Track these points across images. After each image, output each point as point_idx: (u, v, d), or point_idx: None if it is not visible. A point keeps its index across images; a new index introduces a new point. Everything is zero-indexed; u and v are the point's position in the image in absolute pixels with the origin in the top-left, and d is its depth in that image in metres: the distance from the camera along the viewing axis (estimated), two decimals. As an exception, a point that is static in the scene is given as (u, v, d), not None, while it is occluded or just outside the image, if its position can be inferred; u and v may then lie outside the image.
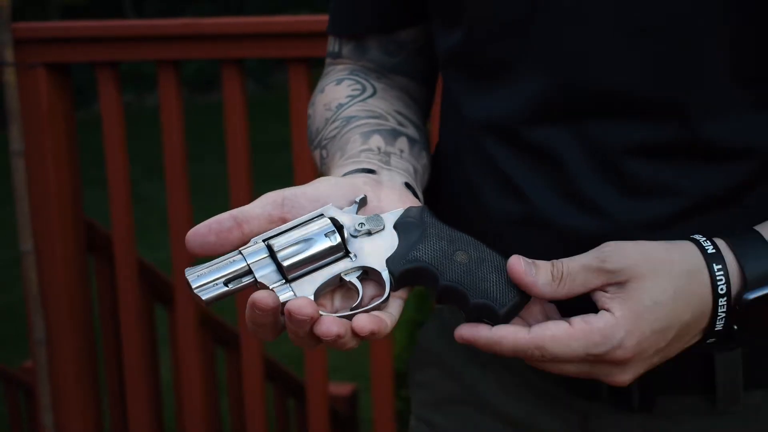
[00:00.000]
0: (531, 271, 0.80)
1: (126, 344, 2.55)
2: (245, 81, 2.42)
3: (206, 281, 0.78)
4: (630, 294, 0.80)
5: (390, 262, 0.80)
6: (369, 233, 0.81)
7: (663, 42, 0.85)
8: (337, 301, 0.82)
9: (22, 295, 2.55)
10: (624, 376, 0.81)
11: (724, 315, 0.81)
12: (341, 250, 0.80)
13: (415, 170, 0.96)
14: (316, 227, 0.80)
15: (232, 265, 0.78)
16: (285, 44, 2.35)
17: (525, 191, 0.92)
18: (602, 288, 0.80)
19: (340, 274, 0.80)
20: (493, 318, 0.79)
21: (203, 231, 0.79)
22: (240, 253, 0.79)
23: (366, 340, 0.78)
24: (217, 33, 2.40)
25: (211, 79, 11.30)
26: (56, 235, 2.47)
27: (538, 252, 0.83)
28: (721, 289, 0.81)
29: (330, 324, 0.75)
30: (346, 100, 1.04)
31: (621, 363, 0.80)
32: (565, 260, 0.81)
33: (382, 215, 0.82)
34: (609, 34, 0.86)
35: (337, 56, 1.12)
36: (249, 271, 0.79)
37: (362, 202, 0.83)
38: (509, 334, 0.79)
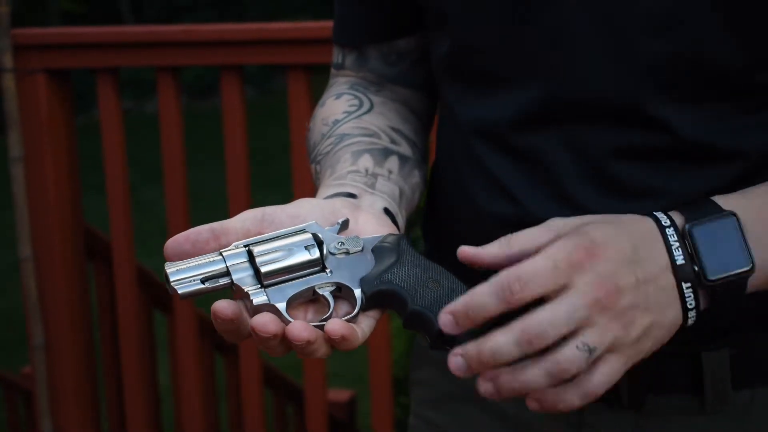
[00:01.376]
0: (477, 249, 0.80)
1: (125, 350, 2.55)
2: (244, 87, 2.42)
3: (184, 276, 0.80)
4: (583, 229, 0.80)
5: (363, 281, 0.82)
6: (347, 253, 0.84)
7: (640, 49, 0.86)
8: (310, 314, 0.83)
9: (21, 301, 2.55)
10: (605, 284, 0.77)
11: (678, 244, 0.81)
12: (318, 265, 0.82)
13: (401, 192, 0.98)
14: (297, 239, 0.82)
15: (211, 264, 0.81)
16: (284, 50, 2.35)
17: (516, 194, 0.94)
18: (552, 240, 0.80)
19: (314, 286, 0.82)
20: (456, 345, 0.79)
21: (181, 240, 0.81)
22: (221, 254, 0.81)
23: (337, 348, 0.79)
24: (217, 39, 2.41)
25: (211, 85, 11.30)
26: (55, 241, 2.47)
27: None
28: (665, 223, 0.82)
29: (300, 330, 0.76)
30: (342, 116, 1.05)
31: (590, 262, 0.77)
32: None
33: (361, 238, 0.85)
34: (589, 44, 0.87)
35: (340, 67, 1.13)
36: (227, 273, 0.81)
37: (344, 225, 0.85)
38: (479, 286, 0.77)
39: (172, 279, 0.80)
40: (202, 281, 0.80)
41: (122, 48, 2.46)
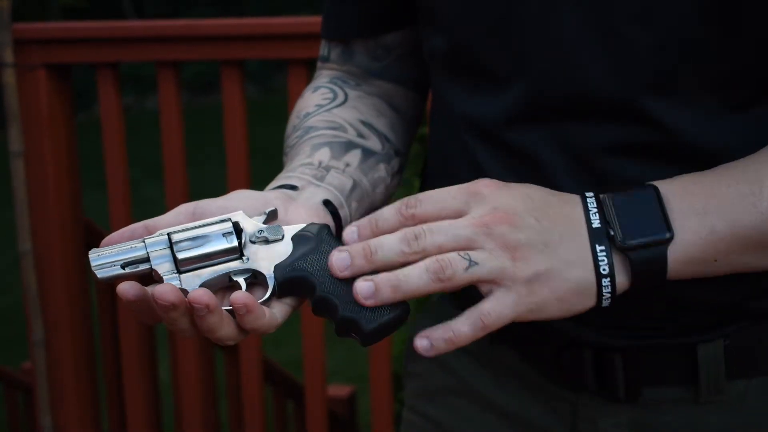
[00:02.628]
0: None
1: (125, 346, 2.55)
2: (245, 82, 2.42)
3: (105, 261, 0.83)
4: (505, 184, 0.84)
5: (277, 268, 0.84)
6: (266, 241, 0.86)
7: (632, 46, 0.86)
8: (226, 302, 0.84)
9: (21, 297, 2.55)
10: (497, 211, 0.80)
11: (595, 210, 0.83)
12: (236, 253, 0.85)
13: (355, 185, 0.99)
14: (217, 228, 0.85)
15: (132, 251, 0.84)
16: (285, 45, 2.35)
17: None
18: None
19: (229, 273, 0.84)
20: (360, 333, 0.82)
21: (116, 237, 0.84)
22: (143, 241, 0.84)
23: (243, 325, 0.81)
24: (217, 34, 2.40)
25: (212, 81, 11.30)
26: (55, 236, 2.47)
27: None
28: (589, 194, 0.84)
29: (201, 294, 0.78)
30: (314, 108, 1.07)
31: (489, 193, 0.81)
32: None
33: (283, 227, 0.87)
34: (579, 41, 0.87)
35: (325, 60, 1.14)
36: (147, 259, 0.83)
37: (272, 215, 0.87)
38: (384, 208, 0.83)
39: (93, 264, 0.83)
40: (123, 266, 0.83)
41: (123, 43, 2.46)
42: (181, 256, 0.83)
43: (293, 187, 0.93)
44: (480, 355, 1.06)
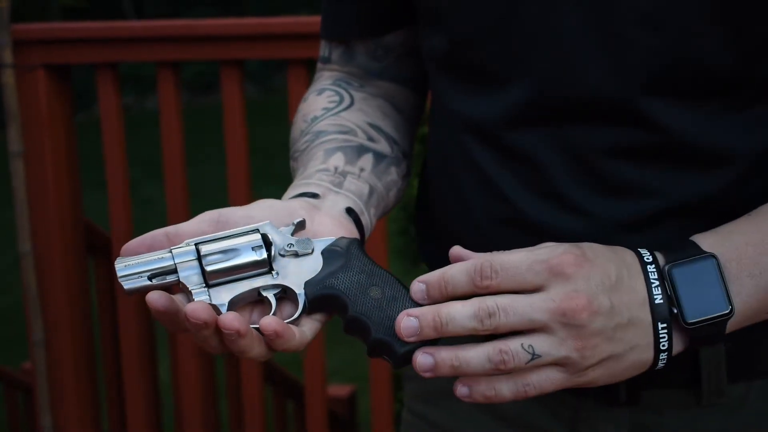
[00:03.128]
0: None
1: (125, 346, 2.55)
2: (244, 82, 2.42)
3: (132, 272, 0.81)
4: (577, 245, 0.81)
5: (308, 285, 0.82)
6: (296, 255, 0.84)
7: (633, 47, 0.86)
8: (255, 315, 0.83)
9: (21, 297, 2.55)
10: (578, 298, 0.77)
11: (657, 283, 0.81)
12: (265, 266, 0.82)
13: (372, 191, 0.98)
14: (245, 240, 0.82)
15: (159, 261, 0.81)
16: (284, 45, 2.35)
17: (506, 192, 0.94)
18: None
19: (258, 288, 0.82)
20: (392, 356, 0.80)
21: (135, 245, 0.82)
22: (170, 251, 0.81)
23: (273, 347, 0.79)
24: (217, 34, 2.40)
25: (212, 81, 11.30)
26: (55, 236, 2.47)
27: None
28: (648, 259, 0.82)
29: (232, 319, 0.76)
30: (321, 112, 1.06)
31: (570, 270, 0.78)
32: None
33: (313, 240, 0.85)
34: (580, 42, 0.87)
35: (326, 61, 1.13)
36: (174, 270, 0.81)
37: (299, 225, 0.85)
38: (454, 265, 0.80)
39: (119, 274, 0.81)
40: (150, 278, 0.81)
41: (122, 43, 2.46)
42: (209, 268, 0.81)
43: (314, 195, 0.92)
44: None
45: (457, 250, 0.82)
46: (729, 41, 0.85)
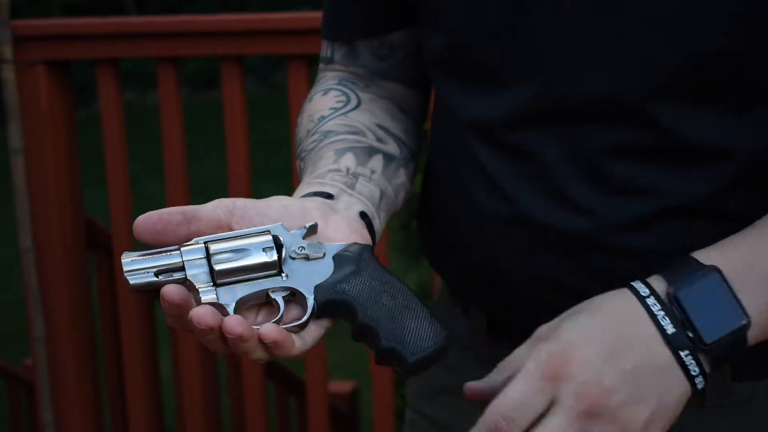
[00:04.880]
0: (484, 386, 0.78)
1: (126, 341, 2.55)
2: (245, 78, 2.41)
3: (138, 267, 0.79)
4: (557, 333, 0.78)
5: (317, 289, 0.81)
6: (307, 258, 0.83)
7: (636, 48, 0.85)
8: (261, 317, 0.82)
9: (22, 293, 2.55)
10: (588, 388, 0.74)
11: (663, 313, 0.78)
12: (275, 268, 0.81)
13: (382, 194, 0.97)
14: (256, 241, 0.81)
15: (167, 257, 0.80)
16: (284, 40, 2.35)
17: (510, 192, 0.93)
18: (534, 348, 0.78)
19: (267, 290, 0.81)
20: (402, 364, 0.80)
21: (153, 218, 0.80)
22: (179, 248, 0.80)
23: (272, 353, 0.79)
24: (217, 30, 2.40)
25: (213, 77, 11.28)
26: (56, 232, 2.47)
27: (523, 249, 0.83)
28: (644, 293, 0.79)
29: (235, 324, 0.76)
30: (329, 112, 1.04)
31: (566, 369, 0.75)
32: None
33: (325, 244, 0.84)
34: (585, 43, 0.86)
35: (329, 61, 1.12)
36: (182, 267, 0.80)
37: (312, 229, 0.84)
38: None
39: (126, 269, 0.79)
40: (156, 274, 0.79)
41: (122, 39, 2.46)
42: (218, 267, 0.80)
43: (329, 195, 0.91)
44: (481, 352, 1.05)
45: (471, 388, 0.78)
46: (736, 42, 0.84)
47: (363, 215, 0.91)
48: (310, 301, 0.81)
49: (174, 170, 2.44)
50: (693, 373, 0.78)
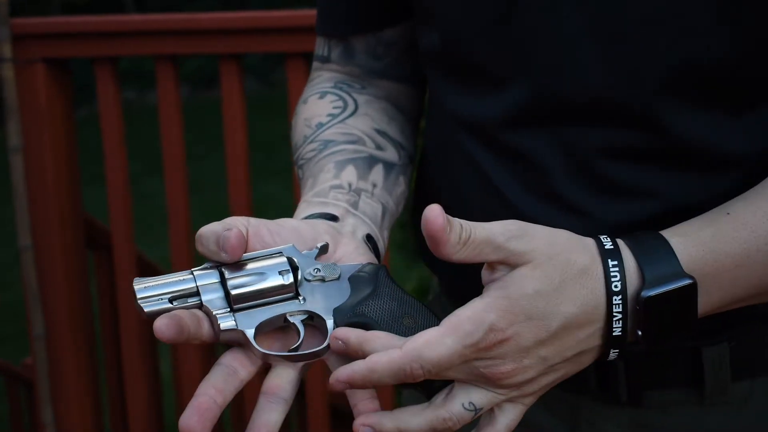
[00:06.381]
0: (447, 227, 0.76)
1: (125, 340, 2.55)
2: (244, 77, 2.41)
3: (151, 294, 0.77)
4: (513, 279, 0.76)
5: (337, 312, 0.79)
6: (323, 280, 0.81)
7: (633, 49, 0.85)
8: (279, 341, 0.81)
9: (22, 292, 2.55)
10: (505, 366, 0.76)
11: (620, 315, 0.78)
12: (291, 291, 0.79)
13: (385, 210, 0.96)
14: (271, 263, 0.79)
15: (181, 283, 0.78)
16: (283, 39, 2.35)
17: (505, 191, 0.93)
18: (494, 264, 0.78)
19: (285, 314, 0.79)
20: (425, 386, 0.79)
21: (232, 238, 0.78)
22: (191, 273, 0.78)
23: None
24: (216, 28, 2.40)
25: (213, 75, 11.29)
26: (55, 231, 2.47)
27: None
28: (615, 286, 0.78)
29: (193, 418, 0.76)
30: (327, 119, 1.03)
31: (497, 347, 0.75)
32: (475, 225, 0.77)
33: (339, 265, 0.82)
34: (581, 42, 0.86)
35: (325, 60, 1.11)
36: (197, 293, 0.78)
37: (323, 249, 0.83)
38: (381, 358, 0.75)
39: (138, 296, 0.77)
40: (171, 300, 0.77)
41: (121, 37, 2.45)
42: (234, 292, 0.77)
43: (334, 218, 0.90)
44: None
45: (432, 219, 0.77)
46: (733, 42, 0.84)
47: (369, 238, 0.91)
48: (330, 324, 0.79)
49: (173, 169, 2.44)
50: (611, 358, 0.79)
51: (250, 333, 0.78)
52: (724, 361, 0.93)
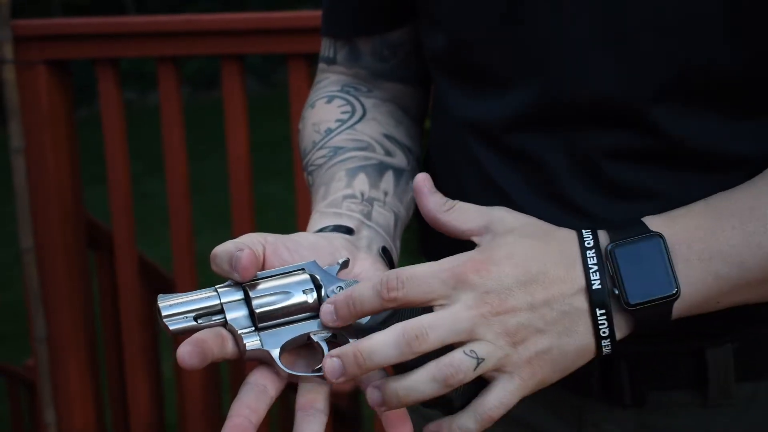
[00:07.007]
0: (432, 188, 0.80)
1: (127, 341, 2.55)
2: (245, 78, 2.41)
3: (176, 311, 0.77)
4: (496, 237, 0.80)
5: (361, 331, 0.78)
6: None
7: (639, 52, 0.85)
8: (302, 360, 0.81)
9: (23, 293, 2.55)
10: (490, 298, 0.76)
11: (596, 267, 0.78)
12: (316, 310, 0.78)
13: (397, 218, 0.96)
14: (295, 280, 0.79)
15: (205, 300, 0.77)
16: (285, 40, 2.35)
17: (509, 193, 0.93)
18: (478, 232, 0.80)
19: (309, 332, 0.79)
20: (448, 405, 0.78)
21: (244, 257, 0.78)
22: (215, 290, 0.78)
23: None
24: (217, 29, 2.40)
25: (214, 76, 11.29)
26: (57, 232, 2.47)
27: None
28: (588, 243, 0.79)
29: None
30: (336, 124, 1.03)
31: (475, 275, 0.76)
32: (461, 202, 0.82)
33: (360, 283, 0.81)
34: (587, 46, 0.86)
35: (331, 62, 1.11)
36: (221, 311, 0.77)
37: (344, 265, 0.82)
38: (362, 283, 0.77)
39: (164, 314, 0.76)
40: (195, 318, 0.77)
41: (122, 38, 2.46)
42: (260, 311, 0.77)
43: (349, 230, 0.90)
44: None
45: (420, 183, 0.81)
46: (739, 47, 0.84)
47: (384, 251, 0.91)
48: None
49: (175, 170, 2.45)
50: (602, 334, 0.78)
51: (275, 353, 0.77)
52: (728, 362, 0.93)
